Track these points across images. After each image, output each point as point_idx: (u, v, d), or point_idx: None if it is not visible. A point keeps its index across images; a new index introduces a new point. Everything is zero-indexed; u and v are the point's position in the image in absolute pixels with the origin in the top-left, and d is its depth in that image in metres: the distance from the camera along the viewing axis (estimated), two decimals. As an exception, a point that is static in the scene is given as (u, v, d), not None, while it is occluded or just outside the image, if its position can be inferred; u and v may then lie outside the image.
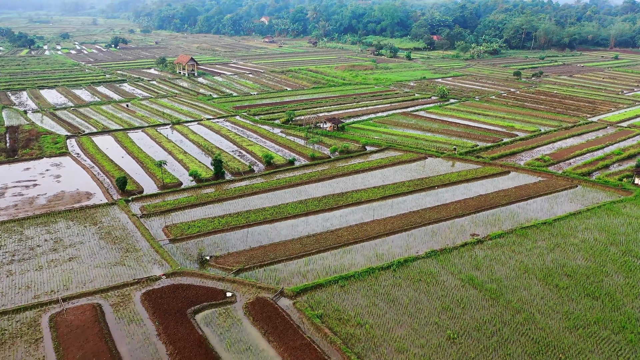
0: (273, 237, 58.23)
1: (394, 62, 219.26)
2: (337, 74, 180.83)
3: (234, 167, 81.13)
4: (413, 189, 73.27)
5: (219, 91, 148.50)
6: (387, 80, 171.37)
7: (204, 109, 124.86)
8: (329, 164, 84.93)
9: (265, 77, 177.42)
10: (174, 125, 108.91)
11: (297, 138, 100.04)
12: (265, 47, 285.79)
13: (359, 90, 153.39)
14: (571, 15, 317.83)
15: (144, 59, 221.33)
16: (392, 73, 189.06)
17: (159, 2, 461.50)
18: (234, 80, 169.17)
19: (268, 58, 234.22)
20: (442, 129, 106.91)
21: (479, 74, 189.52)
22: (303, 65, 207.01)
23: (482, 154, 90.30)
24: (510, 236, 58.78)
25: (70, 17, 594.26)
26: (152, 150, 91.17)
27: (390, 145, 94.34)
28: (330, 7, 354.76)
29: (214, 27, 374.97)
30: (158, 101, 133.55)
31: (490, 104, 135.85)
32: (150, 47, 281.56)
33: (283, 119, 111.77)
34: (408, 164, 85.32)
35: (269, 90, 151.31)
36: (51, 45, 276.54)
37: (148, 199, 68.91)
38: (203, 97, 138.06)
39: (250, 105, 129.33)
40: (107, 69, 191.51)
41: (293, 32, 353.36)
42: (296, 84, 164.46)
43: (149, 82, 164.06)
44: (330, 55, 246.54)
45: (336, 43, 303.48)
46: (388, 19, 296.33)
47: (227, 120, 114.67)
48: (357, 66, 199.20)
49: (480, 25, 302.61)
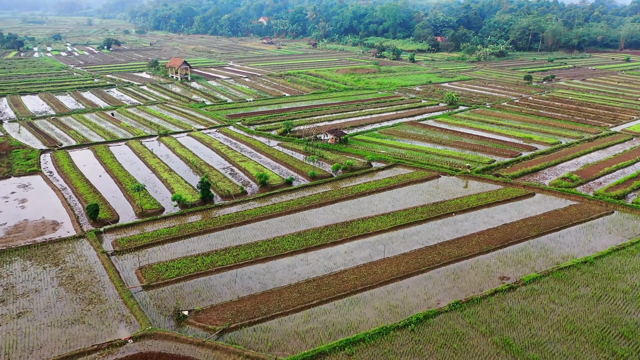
0: (266, 282, 49.10)
1: (397, 65, 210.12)
2: (338, 78, 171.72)
3: (225, 188, 71.98)
4: (427, 217, 64.13)
5: (213, 97, 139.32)
6: (391, 84, 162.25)
7: (195, 117, 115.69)
8: (331, 184, 75.78)
9: (262, 81, 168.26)
10: (161, 137, 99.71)
11: (296, 152, 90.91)
12: (263, 49, 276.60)
13: (361, 96, 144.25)
14: (578, 16, 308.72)
15: (137, 62, 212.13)
16: (396, 77, 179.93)
17: (155, 2, 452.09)
18: (229, 85, 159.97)
19: (266, 60, 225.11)
20: (454, 141, 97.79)
21: (487, 78, 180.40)
22: (302, 68, 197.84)
23: (501, 172, 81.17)
24: (547, 280, 49.63)
25: (65, 17, 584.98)
26: (134, 167, 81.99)
27: (399, 161, 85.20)
28: (330, 7, 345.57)
29: (211, 27, 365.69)
30: (146, 109, 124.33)
31: (503, 111, 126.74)
32: (145, 48, 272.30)
33: (280, 130, 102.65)
34: (419, 184, 76.16)
35: (265, 97, 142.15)
36: (41, 47, 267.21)
37: (123, 230, 59.72)
38: (195, 105, 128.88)
39: (246, 114, 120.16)
40: (96, 72, 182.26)
41: (292, 33, 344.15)
42: (295, 89, 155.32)
43: (139, 87, 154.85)
44: (330, 58, 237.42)
45: (336, 44, 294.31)
46: (390, 20, 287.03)
47: (220, 131, 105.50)
48: (359, 69, 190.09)
49: (485, 26, 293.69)
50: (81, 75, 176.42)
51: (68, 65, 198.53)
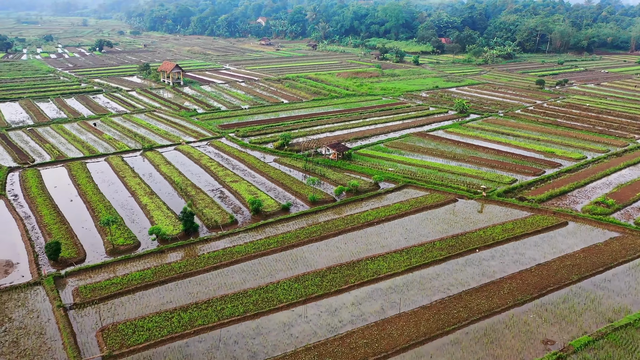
0: (256, 350, 39.80)
1: (401, 68, 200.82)
2: (340, 83, 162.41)
3: (212, 217, 62.71)
4: (447, 254, 54.84)
5: (206, 104, 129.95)
6: (395, 90, 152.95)
7: (184, 128, 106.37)
8: (334, 211, 66.46)
9: (259, 86, 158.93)
10: (145, 152, 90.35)
11: (294, 170, 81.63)
12: (261, 51, 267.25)
13: (365, 103, 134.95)
14: (586, 16, 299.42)
15: (128, 65, 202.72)
16: (400, 81, 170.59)
17: (151, 2, 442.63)
18: (223, 90, 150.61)
19: (264, 63, 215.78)
20: (468, 156, 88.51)
21: (496, 82, 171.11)
22: (302, 71, 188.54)
23: (525, 194, 71.93)
24: (602, 345, 40.39)
25: (61, 17, 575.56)
26: (112, 189, 72.67)
27: (409, 181, 75.89)
28: (330, 7, 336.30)
29: (208, 28, 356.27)
30: (133, 118, 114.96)
31: (518, 120, 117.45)
32: (138, 50, 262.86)
33: (277, 143, 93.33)
34: (434, 210, 66.87)
35: (262, 103, 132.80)
36: (31, 49, 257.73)
37: (89, 273, 50.41)
38: (186, 113, 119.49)
39: (240, 124, 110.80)
40: (84, 76, 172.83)
41: (291, 34, 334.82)
42: (294, 95, 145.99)
43: (127, 93, 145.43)
44: (331, 60, 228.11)
45: (337, 46, 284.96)
46: (392, 20, 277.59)
47: (211, 143, 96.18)
48: (361, 73, 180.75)
49: (490, 26, 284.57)
50: (68, 79, 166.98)
51: (55, 69, 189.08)
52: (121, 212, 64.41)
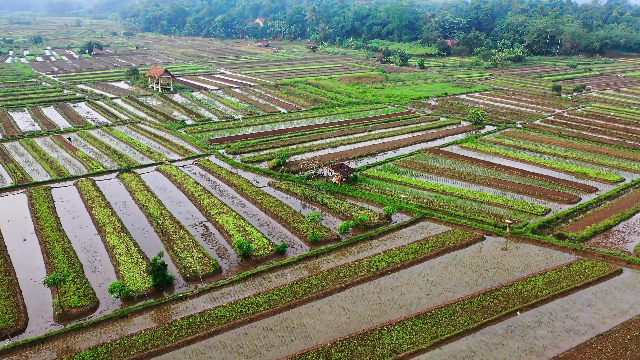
0: None
1: (406, 72, 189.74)
2: (341, 89, 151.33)
3: (191, 263, 51.68)
4: (481, 319, 43.78)
5: (195, 114, 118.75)
6: (401, 97, 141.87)
7: (169, 143, 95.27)
8: (339, 253, 55.39)
9: (254, 93, 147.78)
10: (122, 173, 79.20)
11: (291, 196, 70.63)
12: (258, 53, 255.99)
13: (369, 112, 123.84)
14: (596, 17, 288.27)
15: (117, 69, 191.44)
16: (406, 87, 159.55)
17: (146, 2, 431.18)
18: (216, 98, 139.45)
19: (261, 66, 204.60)
20: (490, 179, 77.49)
21: (509, 88, 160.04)
22: (300, 76, 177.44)
23: (563, 230, 60.95)
24: None
25: (55, 17, 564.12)
26: (76, 223, 61.62)
27: (426, 213, 64.84)
28: (330, 7, 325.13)
29: (204, 29, 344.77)
30: (113, 131, 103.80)
31: (539, 133, 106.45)
32: (130, 52, 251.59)
33: (272, 163, 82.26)
34: (459, 252, 55.85)
35: (257, 113, 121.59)
36: (18, 51, 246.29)
37: (25, 352, 39.34)
38: (172, 125, 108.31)
39: (232, 138, 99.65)
40: (68, 81, 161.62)
41: (290, 35, 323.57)
42: (292, 103, 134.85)
43: (111, 101, 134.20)
44: (331, 63, 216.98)
45: (338, 48, 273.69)
46: (395, 21, 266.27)
47: (198, 163, 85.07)
48: (363, 78, 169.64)
49: (497, 27, 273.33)
50: (50, 85, 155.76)
51: (39, 73, 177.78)
52: (82, 257, 53.36)
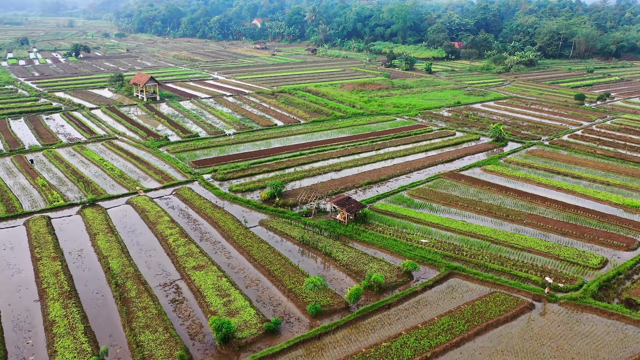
0: None
1: (412, 77, 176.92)
2: (344, 97, 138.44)
3: (151, 352, 38.81)
4: None
5: (181, 128, 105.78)
6: (410, 107, 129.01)
7: (148, 166, 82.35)
8: (348, 333, 42.52)
9: (249, 102, 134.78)
10: (85, 208, 66.26)
11: (287, 240, 57.90)
12: (255, 56, 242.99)
13: (376, 126, 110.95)
14: (609, 18, 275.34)
15: (103, 74, 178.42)
16: (414, 95, 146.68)
17: (141, 2, 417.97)
18: (207, 108, 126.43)
19: (257, 71, 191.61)
20: (525, 215, 64.74)
21: (526, 96, 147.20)
22: (299, 81, 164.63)
23: (631, 291, 48.22)
24: None
25: (49, 17, 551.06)
26: (14, 283, 48.75)
27: (455, 266, 52.04)
28: (331, 8, 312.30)
29: (199, 30, 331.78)
30: (85, 150, 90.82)
31: (570, 152, 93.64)
32: (119, 55, 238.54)
33: (265, 194, 69.36)
34: (503, 330, 43.01)
35: (251, 127, 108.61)
36: (1, 54, 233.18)
37: None
38: (153, 142, 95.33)
39: (220, 159, 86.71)
40: (47, 88, 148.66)
41: (289, 36, 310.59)
42: (290, 114, 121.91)
43: (90, 111, 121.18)
44: (332, 67, 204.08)
45: (339, 50, 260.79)
46: (399, 22, 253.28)
47: (178, 192, 72.17)
48: (368, 84, 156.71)
49: (505, 29, 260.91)
50: (27, 93, 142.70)
51: (17, 79, 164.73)
52: (9, 341, 40.49)
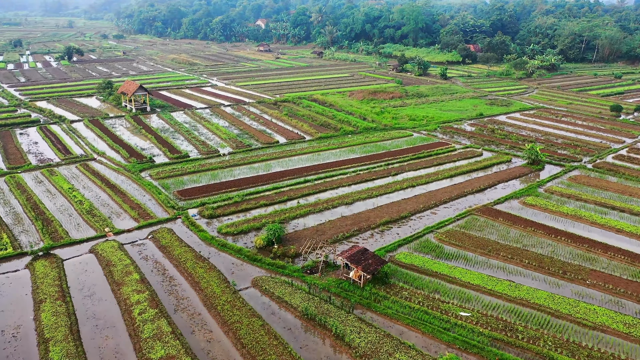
0: None
1: (426, 84, 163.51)
2: (354, 107, 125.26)
3: None
4: None
5: (170, 147, 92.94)
6: (427, 119, 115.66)
7: (124, 198, 69.44)
8: None
9: (249, 113, 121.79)
10: (37, 259, 53.41)
11: (287, 311, 44.84)
12: (258, 59, 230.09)
13: (390, 143, 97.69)
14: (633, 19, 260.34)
15: (94, 80, 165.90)
16: (431, 105, 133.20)
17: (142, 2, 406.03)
18: (201, 120, 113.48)
19: (259, 77, 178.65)
20: (587, 272, 51.48)
21: (554, 106, 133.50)
22: (305, 88, 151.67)
23: None
24: None
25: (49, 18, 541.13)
26: None
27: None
28: (338, 8, 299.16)
29: (201, 31, 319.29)
30: (55, 176, 77.98)
31: (620, 178, 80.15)
32: (115, 59, 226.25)
33: (261, 240, 56.25)
34: None
35: (249, 144, 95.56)
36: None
37: None
38: (135, 165, 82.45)
39: (210, 187, 73.70)
40: (29, 96, 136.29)
41: (294, 38, 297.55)
42: (293, 128, 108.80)
43: (71, 124, 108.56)
44: (340, 72, 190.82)
45: (346, 53, 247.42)
46: (411, 24, 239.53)
47: (155, 236, 59.23)
48: (379, 93, 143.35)
49: (522, 30, 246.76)
50: (5, 102, 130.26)
51: (0, 85, 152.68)
52: None
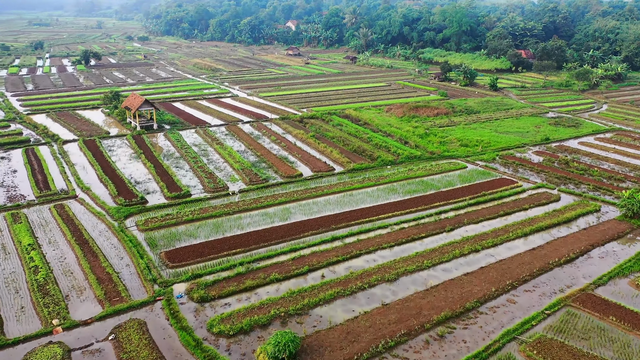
0: None
1: (474, 96, 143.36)
2: (393, 128, 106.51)
3: None
4: None
5: (170, 180, 76.11)
6: (483, 144, 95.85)
7: (94, 261, 52.52)
8: None
9: (270, 132, 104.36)
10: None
11: None
12: (286, 64, 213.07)
13: (440, 179, 78.43)
14: None
15: (105, 88, 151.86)
16: (483, 125, 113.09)
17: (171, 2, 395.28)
18: (213, 143, 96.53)
19: (286, 85, 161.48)
20: None
21: (632, 127, 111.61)
22: (336, 101, 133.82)
23: None
24: None
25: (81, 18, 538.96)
26: None
27: None
28: (373, 9, 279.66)
29: (228, 33, 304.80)
30: (18, 223, 61.68)
31: None
32: (134, 63, 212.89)
33: (264, 356, 38.28)
34: None
35: (266, 177, 77.92)
36: (7, 60, 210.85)
37: None
38: (121, 209, 65.78)
39: (209, 246, 56.19)
40: (29, 108, 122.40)
41: (325, 41, 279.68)
42: (321, 154, 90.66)
43: (63, 146, 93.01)
44: (375, 80, 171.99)
45: (382, 58, 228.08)
46: (454, 26, 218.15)
47: (120, 334, 41.95)
48: (421, 108, 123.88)
49: (578, 34, 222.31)
50: (2, 114, 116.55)
51: (4, 94, 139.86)
52: None
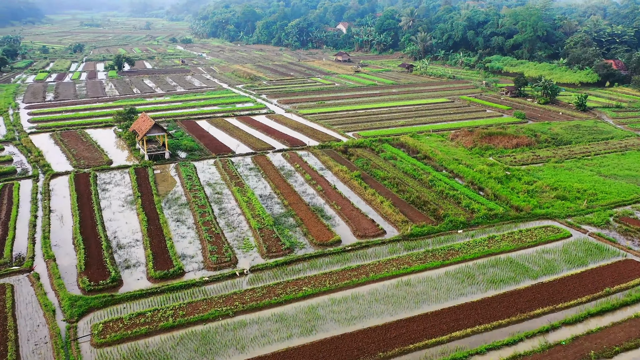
0: None
1: (558, 118, 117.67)
2: (460, 164, 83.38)
3: None
4: None
5: (162, 246, 56.62)
6: (587, 197, 71.12)
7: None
8: None
9: (304, 169, 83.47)
10: None
11: None
12: (334, 72, 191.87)
13: (536, 258, 55.00)
14: None
15: (129, 100, 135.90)
16: (579, 163, 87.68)
17: (220, 3, 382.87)
18: (232, 183, 76.49)
19: (330, 99, 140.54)
20: None
21: None
22: (389, 121, 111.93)
23: None
24: None
25: (133, 18, 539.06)
26: None
27: None
28: (433, 11, 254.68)
29: (275, 36, 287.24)
30: None
31: None
32: (170, 69, 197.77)
33: None
34: None
35: (290, 247, 57.00)
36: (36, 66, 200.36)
37: None
38: (77, 302, 46.64)
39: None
40: (36, 124, 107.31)
41: (379, 45, 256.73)
42: (368, 205, 68.69)
43: (48, 183, 75.80)
44: (436, 94, 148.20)
45: (442, 67, 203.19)
46: (528, 31, 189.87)
47: None
48: (495, 136, 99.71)
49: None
50: (2, 132, 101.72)
51: (17, 104, 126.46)
52: None
